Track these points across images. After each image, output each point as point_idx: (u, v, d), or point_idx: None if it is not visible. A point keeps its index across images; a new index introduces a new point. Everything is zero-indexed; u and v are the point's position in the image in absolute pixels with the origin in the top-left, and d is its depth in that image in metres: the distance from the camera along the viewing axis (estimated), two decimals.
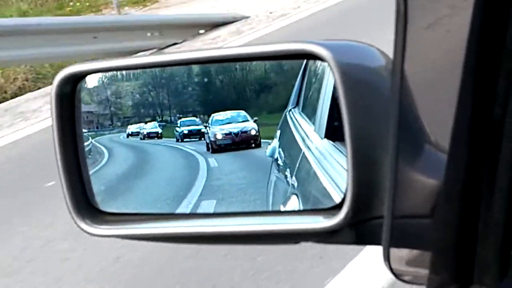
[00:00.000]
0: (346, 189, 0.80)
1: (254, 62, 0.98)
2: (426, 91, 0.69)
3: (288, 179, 1.13)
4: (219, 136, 1.06)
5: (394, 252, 0.73)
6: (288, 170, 1.16)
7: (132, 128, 1.08)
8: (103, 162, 1.09)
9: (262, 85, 0.99)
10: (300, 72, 1.07)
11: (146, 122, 1.09)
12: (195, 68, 1.00)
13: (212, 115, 1.01)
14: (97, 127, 1.06)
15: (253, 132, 1.03)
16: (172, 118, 1.07)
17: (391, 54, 0.65)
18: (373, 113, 0.80)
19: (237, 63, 0.96)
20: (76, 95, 0.94)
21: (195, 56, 0.90)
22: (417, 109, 0.72)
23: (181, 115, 1.06)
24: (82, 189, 0.95)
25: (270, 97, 1.03)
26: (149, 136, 1.07)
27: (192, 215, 0.98)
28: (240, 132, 1.05)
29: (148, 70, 1.03)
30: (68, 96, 0.93)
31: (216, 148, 1.07)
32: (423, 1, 0.61)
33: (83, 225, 0.93)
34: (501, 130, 0.64)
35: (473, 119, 0.65)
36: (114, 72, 1.01)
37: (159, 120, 1.08)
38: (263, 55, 0.87)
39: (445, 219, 0.71)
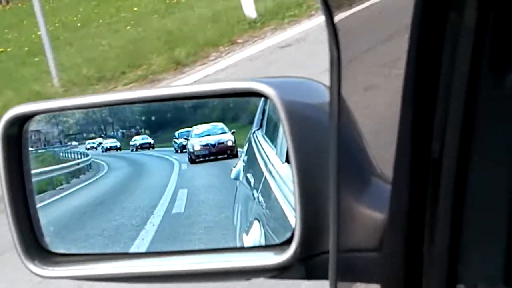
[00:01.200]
0: (295, 225, 0.80)
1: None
2: (372, 124, 0.69)
3: (251, 202, 1.12)
4: (197, 148, 1.13)
5: (342, 286, 0.73)
6: (251, 194, 1.15)
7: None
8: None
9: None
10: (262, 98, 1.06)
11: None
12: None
13: (193, 127, 1.07)
14: (44, 145, 1.08)
15: (229, 143, 1.10)
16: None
17: None
18: (318, 148, 0.80)
19: (188, 101, 0.96)
20: (23, 135, 0.93)
21: (143, 95, 0.90)
22: (362, 143, 0.73)
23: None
24: (31, 230, 0.94)
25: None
26: (142, 147, 1.13)
27: (144, 254, 0.97)
28: (217, 143, 1.11)
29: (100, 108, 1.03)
30: (15, 137, 0.92)
31: (194, 158, 1.13)
32: (355, 41, 0.63)
33: (32, 267, 0.91)
34: (440, 167, 0.64)
35: (413, 153, 0.66)
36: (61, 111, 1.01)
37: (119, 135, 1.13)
38: (212, 94, 0.87)
39: (391, 252, 0.71)
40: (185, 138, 1.11)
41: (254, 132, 1.17)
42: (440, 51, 0.61)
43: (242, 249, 0.99)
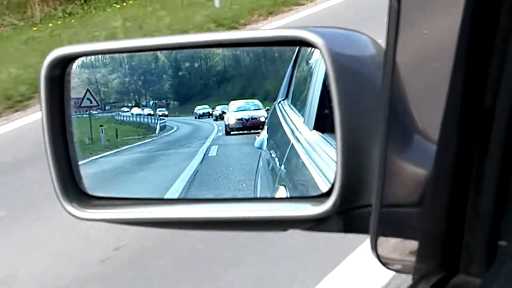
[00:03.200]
0: (335, 177, 0.80)
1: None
2: (417, 82, 0.69)
3: (276, 170, 1.15)
4: (232, 121, 1.22)
5: (382, 240, 0.73)
6: (276, 161, 1.17)
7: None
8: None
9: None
10: (290, 65, 1.07)
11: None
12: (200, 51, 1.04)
13: (231, 102, 1.17)
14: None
15: (262, 119, 1.18)
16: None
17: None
18: (363, 102, 0.80)
19: (232, 48, 0.96)
20: (66, 77, 0.93)
21: (191, 40, 0.90)
22: (407, 100, 0.72)
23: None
24: (70, 172, 0.94)
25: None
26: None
27: (181, 201, 0.97)
28: (250, 119, 1.19)
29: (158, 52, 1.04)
30: (58, 79, 0.92)
31: (229, 130, 1.23)
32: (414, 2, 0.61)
33: (70, 208, 0.92)
34: (491, 120, 0.64)
35: (463, 109, 0.66)
36: (112, 55, 1.01)
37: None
38: (256, 41, 0.87)
39: (433, 208, 0.71)
40: (223, 112, 1.20)
41: (279, 102, 1.20)
42: (500, 2, 0.60)
43: (278, 199, 0.99)
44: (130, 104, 1.20)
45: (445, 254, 0.71)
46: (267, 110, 1.16)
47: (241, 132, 1.21)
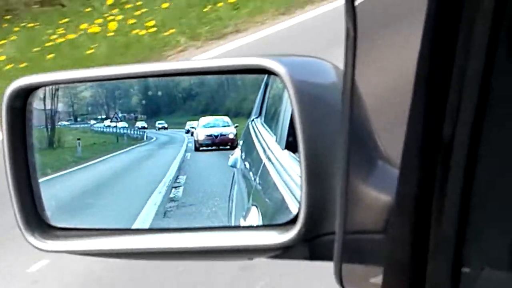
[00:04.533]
0: (300, 205, 0.80)
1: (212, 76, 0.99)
2: (378, 107, 0.69)
3: (249, 188, 1.14)
4: (201, 137, 1.24)
5: (346, 268, 0.73)
6: (249, 180, 1.17)
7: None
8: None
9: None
10: (263, 83, 1.08)
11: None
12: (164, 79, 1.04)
13: (200, 118, 1.21)
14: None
15: (231, 136, 1.20)
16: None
17: None
18: (326, 129, 0.80)
19: (195, 76, 0.96)
20: (27, 107, 0.92)
21: (152, 69, 0.90)
22: (369, 125, 0.72)
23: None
24: (32, 203, 0.93)
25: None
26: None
27: (145, 231, 0.96)
28: (219, 135, 1.22)
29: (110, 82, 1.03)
30: (20, 109, 0.91)
31: (198, 146, 1.25)
32: (373, 24, 0.62)
33: (32, 240, 0.91)
34: (451, 148, 0.64)
35: (424, 135, 0.66)
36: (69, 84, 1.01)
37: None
38: (220, 69, 0.87)
39: (397, 235, 0.71)
40: (192, 127, 1.23)
41: (252, 120, 1.20)
42: (456, 33, 0.61)
43: (244, 228, 0.98)
44: (100, 117, 1.22)
45: (410, 281, 0.71)
46: (236, 127, 1.17)
47: (209, 148, 1.23)
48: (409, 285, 0.71)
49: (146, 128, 1.22)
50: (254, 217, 1.04)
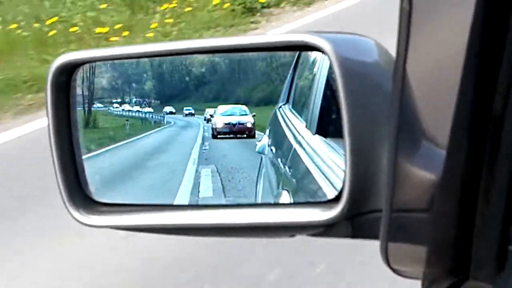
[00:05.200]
0: (344, 182, 0.80)
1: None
2: (426, 87, 0.69)
3: (278, 175, 1.14)
4: (220, 125, 1.24)
5: (392, 246, 0.73)
6: (279, 166, 1.17)
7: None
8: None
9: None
10: (291, 69, 1.07)
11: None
12: (198, 57, 1.05)
13: (218, 106, 1.21)
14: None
15: (248, 125, 1.21)
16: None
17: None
18: (371, 107, 0.80)
19: (238, 53, 0.96)
20: (72, 83, 0.93)
21: (197, 45, 0.90)
22: (416, 105, 0.72)
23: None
24: (77, 178, 0.94)
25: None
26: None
27: (188, 207, 0.97)
28: (237, 124, 1.22)
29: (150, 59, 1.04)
30: (64, 85, 0.92)
31: (216, 134, 1.25)
32: (427, 1, 0.61)
33: (77, 215, 0.92)
34: (501, 127, 0.64)
35: (473, 115, 0.65)
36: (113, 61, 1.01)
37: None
38: (263, 46, 0.86)
39: (442, 214, 0.71)
40: (211, 115, 1.24)
41: (280, 107, 1.20)
42: (510, 7, 0.60)
43: (285, 205, 0.99)
44: (115, 100, 1.25)
45: (455, 259, 0.70)
46: (254, 116, 1.18)
47: (227, 136, 1.24)
48: (453, 264, 0.71)
49: (174, 113, 1.23)
50: (286, 200, 1.04)
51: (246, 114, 1.18)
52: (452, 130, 0.67)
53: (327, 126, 1.02)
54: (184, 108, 1.22)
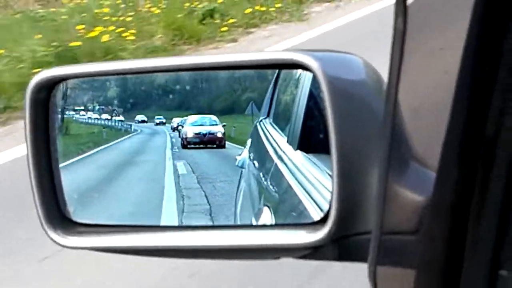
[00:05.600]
0: (330, 204, 0.78)
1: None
2: (418, 108, 0.68)
3: (260, 190, 1.13)
4: (190, 135, 1.24)
5: (380, 269, 0.71)
6: (259, 181, 1.16)
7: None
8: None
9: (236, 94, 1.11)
10: (271, 84, 1.06)
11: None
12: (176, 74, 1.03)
13: (188, 116, 1.21)
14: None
15: (219, 135, 1.22)
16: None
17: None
18: (359, 126, 0.78)
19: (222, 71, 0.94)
20: (51, 100, 0.91)
21: (179, 62, 0.88)
22: (407, 126, 0.71)
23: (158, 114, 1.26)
24: (55, 198, 0.91)
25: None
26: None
27: (170, 228, 0.95)
28: (208, 133, 1.23)
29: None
30: (43, 102, 0.89)
31: (186, 144, 1.25)
32: (421, 23, 0.60)
33: (54, 236, 0.89)
34: (493, 151, 0.63)
35: (464, 137, 0.64)
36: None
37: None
38: (250, 64, 0.85)
39: (432, 236, 0.69)
40: (179, 125, 1.23)
41: (260, 120, 1.20)
42: (503, 33, 0.59)
43: (270, 226, 0.97)
44: (78, 108, 1.22)
45: (444, 283, 0.69)
46: (224, 126, 1.18)
47: (197, 146, 1.24)
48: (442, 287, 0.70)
49: (146, 122, 1.23)
50: (267, 217, 1.03)
51: (216, 124, 1.18)
52: (442, 153, 0.66)
53: (309, 142, 1.01)
54: (156, 117, 1.22)
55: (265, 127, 1.24)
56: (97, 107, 1.23)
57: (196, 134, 1.22)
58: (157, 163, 1.21)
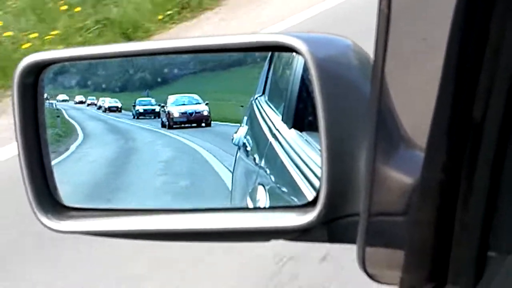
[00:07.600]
0: (320, 186, 0.78)
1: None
2: (405, 89, 0.67)
3: (254, 168, 1.13)
4: (176, 115, 1.23)
5: (369, 250, 0.71)
6: (254, 159, 1.15)
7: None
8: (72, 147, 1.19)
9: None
10: (267, 61, 1.06)
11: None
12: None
13: (169, 96, 1.18)
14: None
15: (205, 113, 1.19)
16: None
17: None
18: (348, 108, 0.78)
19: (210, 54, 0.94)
20: (39, 84, 0.90)
21: (166, 45, 0.88)
22: (394, 108, 0.71)
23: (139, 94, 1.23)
24: (45, 182, 0.91)
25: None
26: (110, 109, 1.24)
27: (162, 211, 0.95)
28: (194, 112, 1.21)
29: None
30: (31, 86, 0.89)
31: (172, 124, 1.24)
32: (406, 4, 0.60)
33: (45, 220, 0.89)
34: (481, 132, 0.62)
35: (452, 119, 0.64)
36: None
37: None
38: (238, 47, 0.84)
39: (420, 218, 0.69)
40: (161, 105, 1.22)
41: (256, 98, 1.18)
42: (490, 12, 0.59)
43: (262, 209, 0.97)
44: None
45: (433, 265, 0.69)
46: (206, 104, 1.17)
47: (183, 126, 1.22)
48: (431, 269, 0.70)
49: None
50: (261, 196, 1.03)
51: (199, 103, 1.17)
52: (431, 134, 0.65)
53: (304, 120, 1.01)
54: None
55: (261, 105, 1.23)
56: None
57: (182, 113, 1.21)
58: (144, 144, 1.21)
